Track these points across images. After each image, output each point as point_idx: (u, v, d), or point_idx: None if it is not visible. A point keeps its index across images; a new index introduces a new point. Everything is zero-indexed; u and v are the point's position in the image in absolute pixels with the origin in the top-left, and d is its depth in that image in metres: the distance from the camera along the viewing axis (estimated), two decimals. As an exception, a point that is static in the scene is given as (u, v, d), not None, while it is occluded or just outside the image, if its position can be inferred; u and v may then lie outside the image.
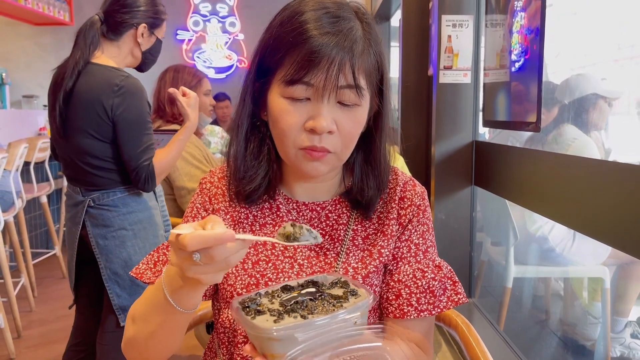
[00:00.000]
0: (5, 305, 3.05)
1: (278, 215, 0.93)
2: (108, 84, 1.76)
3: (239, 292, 0.88)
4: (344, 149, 0.85)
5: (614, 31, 2.75)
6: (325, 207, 0.94)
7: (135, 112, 1.78)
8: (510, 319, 2.50)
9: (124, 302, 1.86)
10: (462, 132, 2.12)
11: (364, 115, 0.85)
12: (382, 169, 0.92)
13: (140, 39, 1.91)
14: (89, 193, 1.84)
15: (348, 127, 0.83)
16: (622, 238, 1.18)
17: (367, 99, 0.85)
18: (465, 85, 2.11)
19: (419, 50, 2.57)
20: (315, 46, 0.78)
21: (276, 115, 0.83)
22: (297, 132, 0.82)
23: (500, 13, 1.86)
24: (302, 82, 0.80)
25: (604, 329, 2.44)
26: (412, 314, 0.89)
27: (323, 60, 0.78)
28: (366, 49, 0.83)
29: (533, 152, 1.78)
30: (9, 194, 3.22)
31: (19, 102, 5.68)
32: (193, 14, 6.18)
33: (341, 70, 0.79)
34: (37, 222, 4.64)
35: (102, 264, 1.85)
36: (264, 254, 0.91)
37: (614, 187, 1.20)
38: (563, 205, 1.43)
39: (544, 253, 2.53)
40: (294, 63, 0.80)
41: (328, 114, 0.81)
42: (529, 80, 1.64)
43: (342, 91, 0.81)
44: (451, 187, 2.14)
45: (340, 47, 0.79)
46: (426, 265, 0.91)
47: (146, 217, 1.90)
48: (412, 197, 0.94)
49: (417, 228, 0.93)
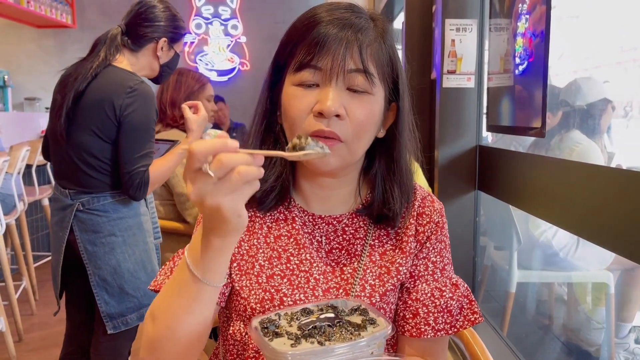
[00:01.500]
0: (7, 309, 3.04)
1: (294, 227, 0.91)
2: (122, 84, 1.76)
3: (253, 306, 0.86)
4: (354, 138, 0.81)
5: (616, 34, 2.74)
6: (342, 221, 0.92)
7: (143, 117, 1.78)
8: (513, 324, 2.49)
9: (112, 310, 1.82)
10: (466, 136, 2.11)
11: (376, 106, 0.83)
12: (406, 178, 0.90)
13: (159, 53, 1.93)
14: (78, 196, 1.81)
15: (359, 114, 0.81)
16: (626, 244, 1.17)
17: (380, 90, 0.83)
18: (469, 89, 2.10)
19: (422, 54, 2.56)
20: (323, 31, 0.79)
21: (286, 104, 0.83)
22: (306, 117, 0.81)
23: (505, 17, 1.85)
24: (310, 65, 0.80)
25: (608, 335, 2.43)
26: (429, 333, 0.88)
27: (330, 43, 0.79)
28: (377, 41, 0.83)
29: (537, 158, 1.76)
30: (10, 197, 3.22)
31: (21, 105, 5.68)
32: (195, 16, 6.18)
33: (348, 53, 0.79)
34: (38, 225, 4.63)
35: (90, 271, 1.82)
36: (279, 268, 0.88)
37: (618, 193, 1.19)
38: (567, 211, 1.42)
39: (548, 258, 2.52)
40: (302, 49, 0.80)
41: (336, 97, 0.79)
42: (533, 85, 1.63)
43: (350, 76, 0.80)
44: (455, 191, 2.13)
45: (348, 32, 0.79)
46: (444, 284, 0.90)
47: (136, 224, 1.88)
48: (431, 214, 0.92)
49: (435, 246, 0.91)
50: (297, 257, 0.89)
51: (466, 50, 2.07)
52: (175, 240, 2.27)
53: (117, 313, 1.83)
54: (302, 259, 0.89)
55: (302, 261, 0.89)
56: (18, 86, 5.65)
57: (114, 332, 1.83)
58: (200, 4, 6.15)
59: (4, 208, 3.07)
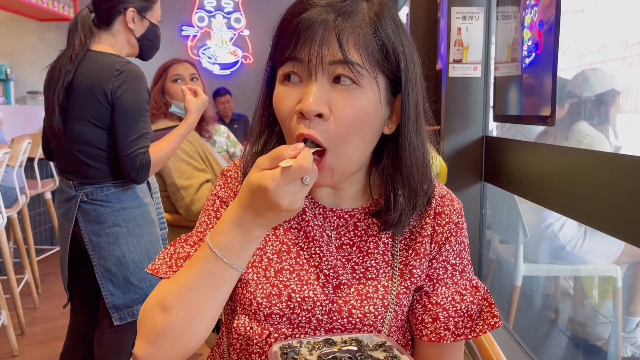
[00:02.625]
0: (9, 302, 3.03)
1: (303, 219, 0.86)
2: (109, 68, 1.72)
3: (259, 300, 0.82)
4: (340, 141, 0.73)
5: (621, 28, 2.72)
6: (354, 216, 0.87)
7: (134, 97, 1.73)
8: (519, 317, 2.47)
9: (118, 301, 1.81)
10: (472, 127, 2.08)
11: (366, 101, 0.74)
12: (415, 181, 0.81)
13: (131, 25, 1.85)
14: (82, 187, 1.79)
15: (344, 112, 0.72)
16: (636, 233, 1.14)
17: (372, 81, 0.74)
18: (475, 79, 2.07)
19: (427, 44, 2.53)
20: (302, 20, 0.72)
21: (275, 103, 0.78)
22: (291, 119, 0.75)
23: (512, 5, 1.82)
24: (290, 57, 0.73)
25: (616, 329, 2.40)
26: (449, 338, 0.84)
27: (307, 32, 0.71)
28: (364, 25, 0.73)
29: (545, 147, 1.74)
30: (12, 189, 3.20)
31: (23, 98, 5.67)
32: (198, 9, 6.15)
33: (325, 43, 0.71)
34: (41, 219, 4.62)
35: (95, 262, 1.80)
36: (288, 262, 0.84)
37: (628, 181, 1.16)
38: (575, 201, 1.40)
39: (554, 251, 2.49)
40: (284, 40, 0.74)
41: (318, 94, 0.71)
42: (542, 74, 1.59)
43: (332, 67, 0.72)
44: (461, 183, 2.11)
45: (329, 16, 0.71)
46: (464, 287, 0.86)
47: (140, 214, 1.85)
48: (450, 214, 0.86)
49: (455, 247, 0.86)
50: (306, 252, 0.85)
51: (472, 39, 2.03)
52: (173, 233, 2.24)
53: (123, 304, 1.81)
54: (312, 253, 0.85)
55: (312, 255, 0.85)
56: (20, 79, 5.64)
57: (120, 323, 1.81)
58: (203, -3, 6.12)
59: (6, 201, 3.06)
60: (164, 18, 2.03)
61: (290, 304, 0.82)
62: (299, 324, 0.82)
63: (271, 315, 0.82)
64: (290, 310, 0.82)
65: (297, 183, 0.67)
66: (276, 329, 0.82)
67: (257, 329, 0.82)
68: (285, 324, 0.82)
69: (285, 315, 0.82)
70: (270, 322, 0.82)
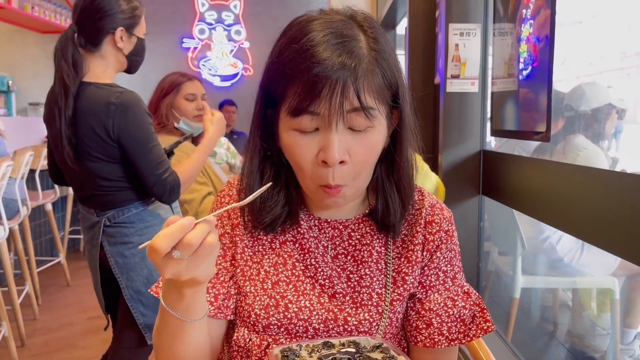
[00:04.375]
0: (10, 313, 3.04)
1: (299, 231, 0.90)
2: (104, 104, 1.68)
3: (257, 312, 0.85)
4: (357, 177, 0.80)
5: (619, 39, 2.74)
6: (348, 226, 0.90)
7: (137, 128, 1.71)
8: (518, 329, 2.47)
9: (149, 320, 1.80)
10: (470, 141, 2.10)
11: (378, 138, 0.80)
12: (406, 186, 0.87)
13: (120, 44, 1.80)
14: (103, 212, 1.79)
15: (361, 154, 0.78)
16: (632, 249, 1.16)
17: (381, 119, 0.79)
18: (472, 94, 2.10)
19: (425, 59, 2.55)
20: (315, 74, 0.73)
21: (288, 149, 0.80)
22: (313, 167, 0.78)
23: (508, 21, 1.85)
24: (307, 112, 0.75)
25: (614, 341, 2.41)
26: (442, 343, 0.87)
27: (325, 87, 0.73)
28: (372, 67, 0.77)
29: (542, 162, 1.76)
30: (14, 201, 3.22)
31: (25, 110, 5.70)
32: (199, 22, 6.20)
33: (345, 95, 0.74)
34: (42, 230, 4.64)
35: (123, 284, 1.79)
36: (284, 274, 0.87)
37: (623, 197, 1.18)
38: (572, 215, 1.42)
39: (552, 263, 2.51)
40: (296, 94, 0.75)
41: (339, 142, 0.76)
42: (538, 89, 1.62)
43: (350, 116, 0.75)
44: (459, 196, 2.12)
45: (342, 71, 0.74)
46: (456, 293, 0.89)
47: None
48: (441, 222, 0.90)
49: (446, 255, 0.90)
50: (302, 263, 0.88)
51: (470, 55, 2.06)
52: None
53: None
54: (308, 265, 0.88)
55: (308, 267, 0.88)
56: (22, 91, 5.67)
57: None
58: (203, 10, 6.17)
59: (8, 213, 3.07)
60: (164, 30, 2.06)
61: (288, 314, 0.84)
62: (297, 333, 0.85)
63: (269, 326, 0.85)
64: (287, 321, 0.84)
65: (166, 259, 0.66)
66: (275, 340, 0.85)
67: (256, 340, 0.85)
68: (284, 334, 0.85)
69: (283, 325, 0.85)
70: (268, 332, 0.85)
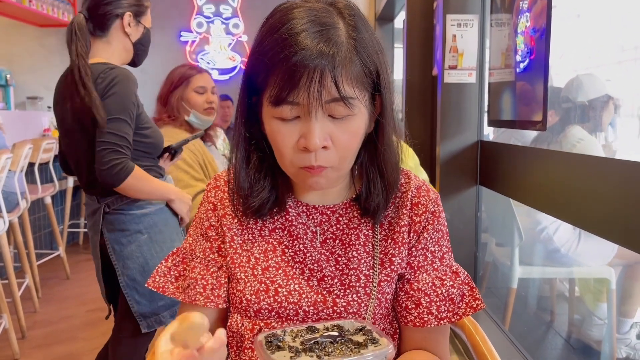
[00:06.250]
0: (10, 306, 3.05)
1: (287, 219, 0.91)
2: (93, 79, 1.70)
3: (248, 298, 0.87)
4: (341, 161, 0.81)
5: (617, 33, 2.75)
6: (336, 211, 0.92)
7: (117, 99, 1.69)
8: (515, 319, 2.49)
9: (144, 309, 1.80)
10: (467, 131, 2.12)
11: (360, 124, 0.81)
12: (389, 172, 0.88)
13: (128, 29, 1.84)
14: (104, 198, 1.80)
15: (343, 140, 0.79)
16: (629, 236, 1.17)
17: (361, 106, 0.80)
18: (470, 84, 2.11)
19: (423, 51, 2.56)
20: (293, 62, 0.74)
21: (271, 136, 0.82)
22: (293, 152, 0.80)
23: (506, 12, 1.86)
24: (287, 102, 0.77)
25: (610, 330, 2.43)
26: (432, 322, 0.88)
27: (303, 76, 0.74)
28: (350, 55, 0.77)
29: (539, 151, 1.77)
30: (13, 194, 3.23)
31: (23, 104, 5.70)
32: (196, 15, 6.19)
33: (323, 84, 0.75)
34: (41, 223, 4.65)
35: (119, 271, 1.80)
36: (274, 260, 0.89)
37: (621, 185, 1.20)
38: (569, 204, 1.43)
39: (549, 254, 2.52)
40: (276, 83, 0.77)
41: (319, 130, 0.77)
42: (534, 80, 1.63)
43: (329, 105, 0.77)
44: (456, 186, 2.14)
45: (320, 59, 0.74)
46: (444, 273, 0.90)
47: (161, 220, 1.86)
48: (427, 204, 0.90)
49: (433, 235, 0.91)
50: (291, 249, 0.90)
51: (467, 46, 2.07)
52: None
53: (150, 312, 1.81)
54: (297, 250, 0.90)
55: (297, 252, 0.90)
56: (20, 85, 5.67)
57: (149, 330, 1.81)
58: (201, 3, 6.16)
59: (7, 206, 3.08)
60: (163, 24, 2.05)
61: (278, 299, 0.86)
62: (287, 316, 0.87)
63: (260, 310, 0.87)
64: (277, 305, 0.86)
65: None
66: (266, 324, 0.87)
67: (248, 324, 0.88)
68: (275, 318, 0.87)
69: (273, 309, 0.86)
70: (260, 317, 0.87)
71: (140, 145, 1.81)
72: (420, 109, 2.61)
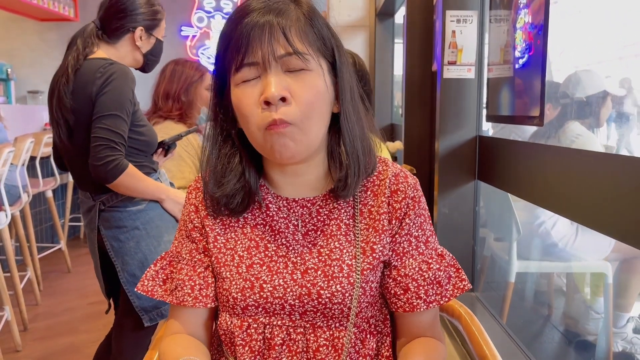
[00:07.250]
0: (12, 298, 3.08)
1: (268, 214, 0.92)
2: (92, 72, 1.71)
3: (235, 296, 0.88)
4: (304, 118, 0.82)
5: (618, 29, 2.76)
6: (316, 203, 0.92)
7: (114, 95, 1.70)
8: (513, 313, 2.51)
9: (146, 303, 1.81)
10: (466, 126, 2.13)
11: (318, 82, 0.83)
12: (355, 147, 0.88)
13: (138, 42, 1.88)
14: (99, 196, 1.80)
15: (302, 93, 0.81)
16: (627, 231, 1.18)
17: (318, 65, 0.83)
18: (469, 80, 2.12)
19: (423, 47, 2.58)
20: (245, 23, 0.81)
21: (237, 105, 0.84)
22: (256, 111, 0.82)
23: (505, 8, 1.87)
24: (245, 64, 0.81)
25: (606, 324, 2.45)
26: (421, 306, 0.89)
27: (255, 36, 0.80)
28: (300, 19, 0.83)
29: (537, 146, 1.79)
30: (15, 188, 3.25)
31: (24, 98, 5.71)
32: (197, 10, 6.19)
33: (274, 39, 0.80)
34: (42, 217, 4.67)
35: (119, 267, 1.81)
36: (258, 257, 0.90)
37: (619, 180, 1.21)
38: (568, 199, 1.44)
39: (547, 248, 2.54)
40: (233, 51, 0.82)
41: (277, 82, 0.80)
42: (532, 76, 1.65)
43: (283, 60, 0.81)
44: (455, 181, 2.15)
45: (269, 15, 0.81)
46: (430, 256, 0.91)
47: (157, 215, 1.86)
48: (406, 190, 0.91)
49: (415, 220, 0.91)
50: (274, 244, 0.91)
51: (467, 42, 2.08)
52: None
53: (151, 306, 1.82)
54: (279, 245, 0.91)
55: (279, 247, 0.90)
56: (21, 79, 5.68)
57: (151, 324, 1.83)
58: (202, -2, 6.16)
59: (9, 199, 3.10)
60: (162, 18, 2.06)
61: (263, 294, 0.87)
62: (274, 311, 0.88)
63: (247, 307, 0.88)
64: (264, 300, 0.87)
65: None
66: (254, 320, 0.88)
67: (237, 322, 0.89)
68: (262, 314, 0.88)
69: (260, 305, 0.88)
70: (247, 313, 0.88)
71: (135, 142, 1.81)
72: (419, 104, 2.63)
